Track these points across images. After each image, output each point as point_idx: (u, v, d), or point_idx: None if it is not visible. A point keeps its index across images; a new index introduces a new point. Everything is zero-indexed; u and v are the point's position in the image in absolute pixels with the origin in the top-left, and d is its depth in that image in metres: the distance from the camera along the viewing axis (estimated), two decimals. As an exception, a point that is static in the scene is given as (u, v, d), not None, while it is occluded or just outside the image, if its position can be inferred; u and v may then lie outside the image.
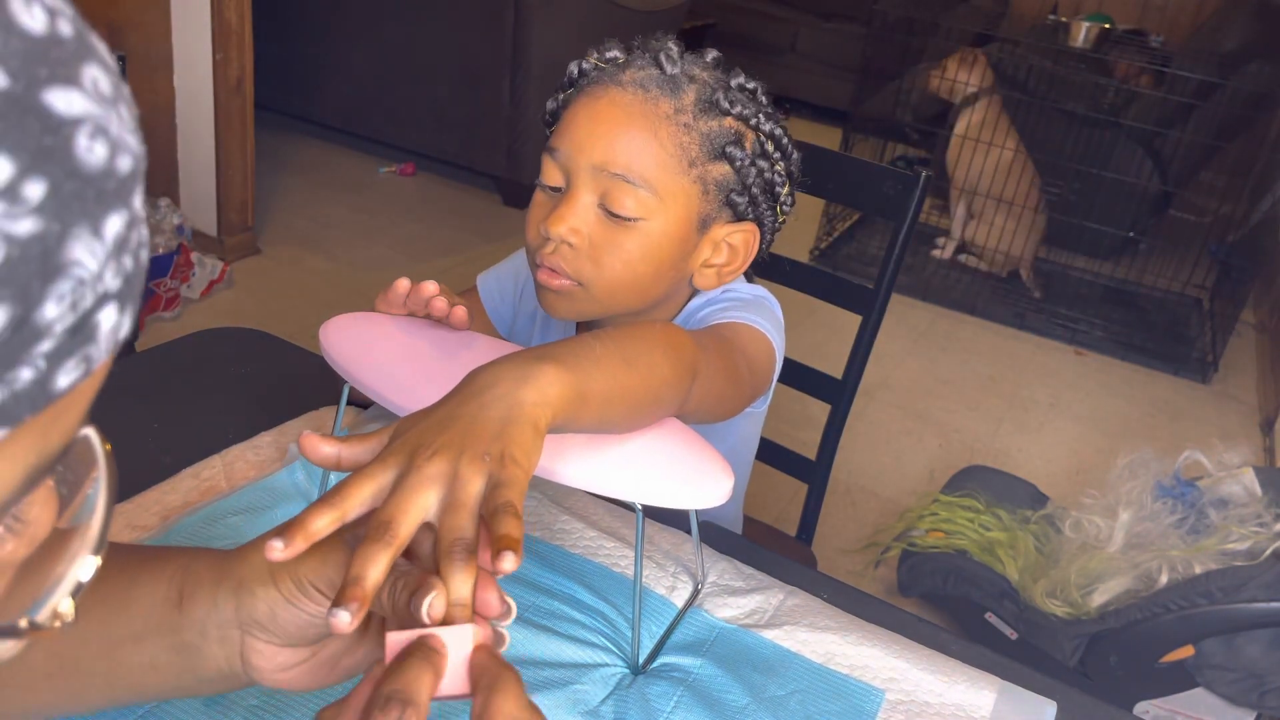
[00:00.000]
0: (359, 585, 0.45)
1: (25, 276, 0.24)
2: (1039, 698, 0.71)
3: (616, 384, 0.60)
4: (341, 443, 0.54)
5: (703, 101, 0.80)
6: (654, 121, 0.79)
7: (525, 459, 0.51)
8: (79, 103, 0.25)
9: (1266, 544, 1.59)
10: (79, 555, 0.32)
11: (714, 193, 0.82)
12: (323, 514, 0.48)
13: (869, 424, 2.48)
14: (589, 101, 0.80)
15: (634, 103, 0.79)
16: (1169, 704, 1.64)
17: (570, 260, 0.81)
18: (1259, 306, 3.49)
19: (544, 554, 0.78)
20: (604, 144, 0.79)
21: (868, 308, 1.17)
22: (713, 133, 0.80)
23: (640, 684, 0.67)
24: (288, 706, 0.62)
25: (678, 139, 0.79)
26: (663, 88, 0.79)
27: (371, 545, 0.46)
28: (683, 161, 0.79)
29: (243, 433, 0.87)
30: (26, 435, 0.26)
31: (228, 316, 2.52)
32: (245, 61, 2.60)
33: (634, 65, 0.80)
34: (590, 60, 0.82)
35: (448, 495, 0.48)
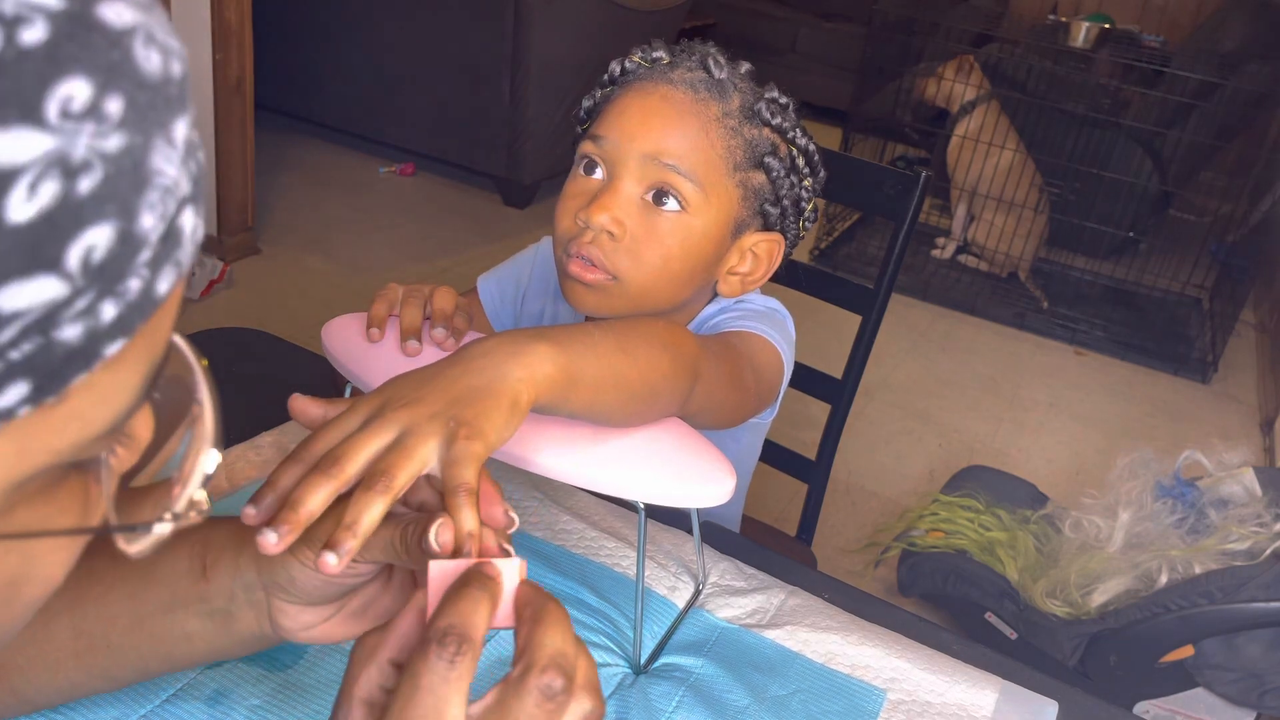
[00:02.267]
0: (294, 509, 0.45)
1: (124, 191, 0.25)
2: (1040, 697, 0.71)
3: (610, 371, 0.60)
4: (328, 404, 0.54)
5: (746, 109, 0.81)
6: (705, 120, 0.79)
7: (494, 432, 0.51)
8: (126, 12, 0.25)
9: (1266, 544, 1.59)
10: (201, 450, 0.34)
11: (751, 200, 0.83)
12: (290, 470, 0.49)
13: (869, 424, 2.48)
14: (640, 96, 0.80)
15: (686, 100, 0.79)
16: (1169, 704, 1.64)
17: (608, 252, 0.79)
18: (1259, 306, 3.49)
19: (545, 554, 0.78)
20: (659, 133, 0.79)
21: (868, 308, 1.17)
22: (754, 140, 0.81)
23: (642, 684, 0.67)
24: (289, 705, 0.62)
25: (726, 141, 0.80)
26: (711, 91, 0.80)
27: (317, 476, 0.47)
28: (729, 163, 0.80)
29: (243, 433, 0.87)
30: (140, 342, 0.28)
31: (228, 316, 2.52)
32: (245, 61, 2.60)
33: (682, 66, 0.81)
34: (635, 59, 0.83)
35: (397, 439, 0.49)
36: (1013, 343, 3.11)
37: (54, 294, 0.24)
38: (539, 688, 0.41)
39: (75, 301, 0.25)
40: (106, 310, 0.26)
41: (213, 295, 2.61)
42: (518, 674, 0.41)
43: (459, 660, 0.40)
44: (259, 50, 2.64)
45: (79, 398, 0.27)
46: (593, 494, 0.86)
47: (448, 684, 0.40)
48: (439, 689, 0.39)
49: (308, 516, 0.46)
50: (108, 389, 0.28)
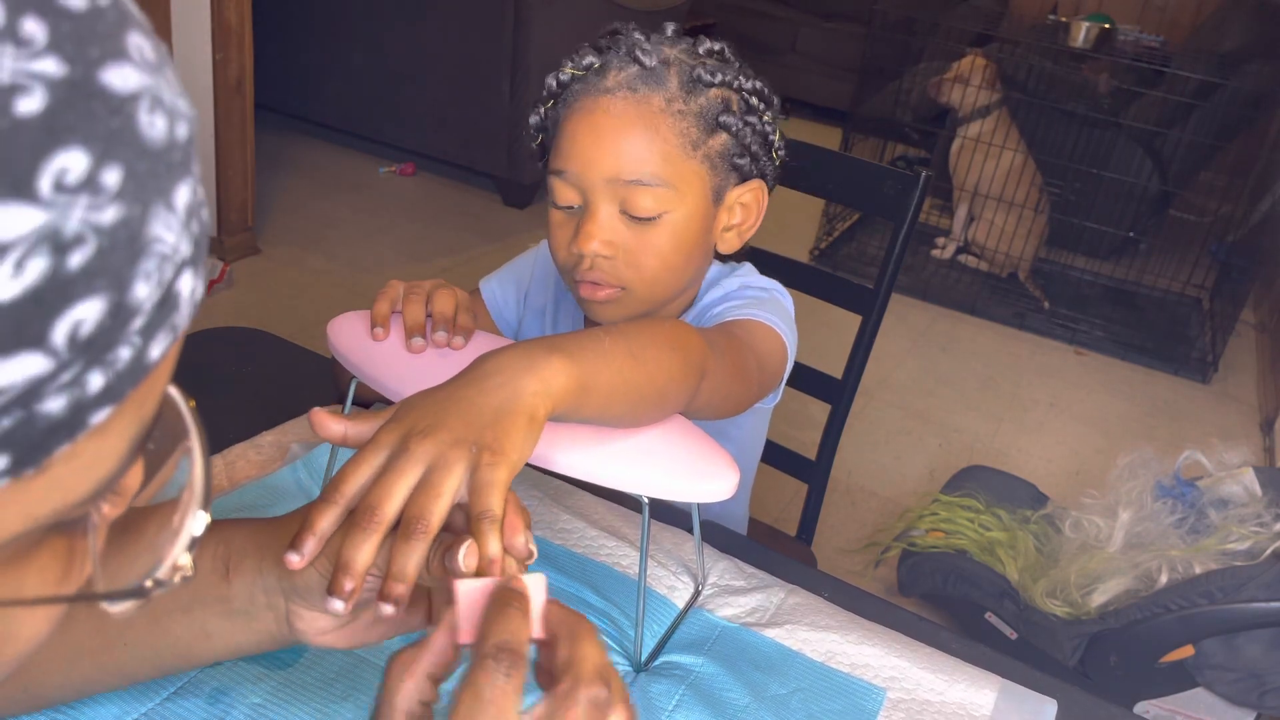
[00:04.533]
0: (348, 571, 0.48)
1: (117, 264, 0.24)
2: (1040, 696, 0.71)
3: (621, 378, 0.61)
4: (349, 421, 0.55)
5: (686, 82, 0.81)
6: (651, 119, 0.79)
7: (515, 451, 0.52)
8: (133, 77, 0.25)
9: (1266, 544, 1.59)
10: (189, 512, 0.33)
11: (720, 163, 0.83)
12: (326, 513, 0.50)
13: (869, 424, 2.48)
14: (584, 117, 0.80)
15: (627, 107, 0.79)
16: (1169, 704, 1.64)
17: (609, 271, 0.82)
18: (1259, 306, 3.49)
19: (546, 552, 0.78)
20: (613, 155, 0.79)
21: (868, 308, 1.17)
22: (703, 109, 0.81)
23: (642, 682, 0.67)
24: (289, 704, 0.62)
25: (676, 127, 0.80)
26: (648, 82, 0.79)
27: (358, 532, 0.48)
28: (687, 147, 0.80)
29: (243, 432, 0.87)
30: (128, 408, 0.27)
31: (228, 316, 2.52)
32: (245, 61, 2.60)
33: (613, 68, 0.80)
34: (568, 71, 0.82)
35: (425, 477, 0.50)
36: (1013, 343, 3.11)
37: (38, 370, 0.23)
38: (589, 699, 0.43)
39: (60, 375, 0.23)
40: (94, 380, 0.24)
41: (213, 295, 2.61)
42: (567, 687, 0.44)
43: (514, 673, 0.43)
44: (259, 50, 2.64)
45: (61, 466, 0.26)
46: (593, 493, 0.86)
47: (506, 696, 0.42)
48: (500, 701, 0.42)
49: (362, 571, 0.48)
50: (93, 456, 0.27)
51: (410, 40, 3.30)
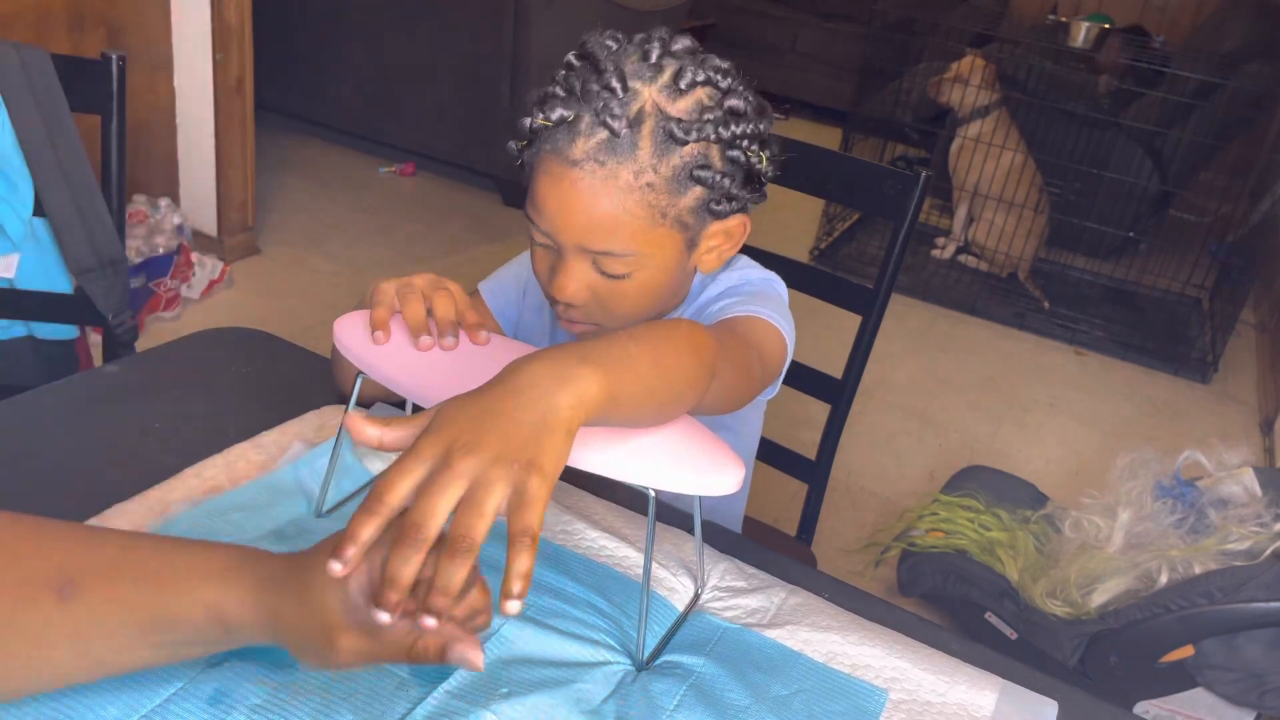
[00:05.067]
0: (395, 586, 0.50)
1: None
2: (1041, 697, 0.71)
3: (646, 386, 0.62)
4: (385, 425, 0.56)
5: (659, 144, 0.78)
6: (618, 196, 0.78)
7: (553, 466, 0.53)
8: None
9: (1266, 544, 1.59)
10: None
11: (693, 218, 0.82)
12: (368, 523, 0.51)
13: (869, 424, 2.48)
14: (553, 183, 0.79)
15: (593, 184, 0.77)
16: (1169, 704, 1.64)
17: (583, 314, 0.85)
18: (1259, 306, 3.49)
19: (548, 553, 0.78)
20: (579, 226, 0.79)
21: (868, 308, 1.17)
22: (676, 169, 0.79)
23: (643, 682, 0.67)
24: (289, 705, 0.62)
25: (645, 201, 0.78)
26: (617, 153, 0.77)
27: (404, 548, 0.50)
28: (655, 217, 0.79)
29: (244, 432, 0.87)
30: None
31: (228, 316, 2.52)
32: (245, 62, 2.60)
33: (583, 133, 0.77)
34: (539, 120, 0.79)
35: (468, 495, 0.51)
36: (1013, 343, 3.11)
37: None
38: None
39: None
40: None
41: (213, 295, 2.61)
42: None
43: None
44: (259, 50, 2.64)
45: None
46: (595, 494, 0.86)
47: None
48: None
49: (408, 588, 0.51)
50: None
51: (410, 40, 3.29)
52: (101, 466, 0.82)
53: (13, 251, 1.35)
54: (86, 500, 0.77)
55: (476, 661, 0.53)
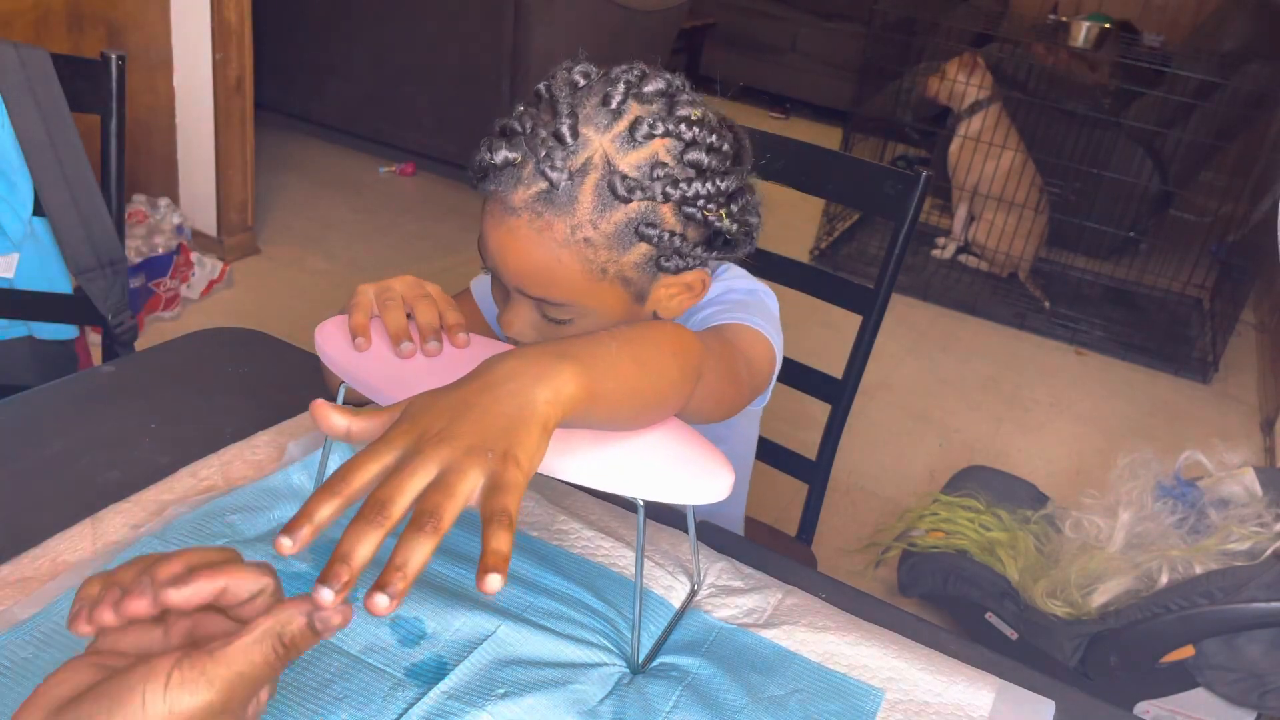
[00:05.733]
0: (346, 563, 0.45)
1: None
2: (1038, 697, 0.71)
3: (627, 385, 0.60)
4: (353, 415, 0.54)
5: (601, 199, 0.75)
6: (553, 248, 0.76)
7: (528, 460, 0.51)
8: None
9: (1267, 544, 1.59)
10: None
11: (637, 274, 0.79)
12: (328, 503, 0.48)
13: (869, 424, 2.48)
14: (493, 227, 0.78)
15: (529, 234, 0.76)
16: (1169, 704, 1.64)
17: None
18: (1259, 306, 3.48)
19: (543, 553, 0.77)
20: (515, 271, 0.78)
21: (868, 308, 1.17)
22: (619, 226, 0.76)
23: (639, 683, 0.67)
24: (286, 707, 0.62)
25: (581, 255, 0.76)
26: (554, 205, 0.75)
27: (364, 524, 0.46)
28: (594, 272, 0.77)
29: (241, 433, 0.87)
30: None
31: (227, 316, 2.52)
32: (245, 61, 2.60)
33: (524, 181, 0.75)
34: (485, 158, 0.76)
35: (439, 477, 0.49)
36: (1013, 343, 3.11)
37: None
38: None
39: None
40: None
41: (212, 295, 2.61)
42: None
43: None
44: (259, 50, 2.64)
45: None
46: (590, 493, 0.85)
47: None
48: None
49: (360, 566, 0.45)
50: None
51: (410, 40, 3.29)
52: (99, 466, 0.82)
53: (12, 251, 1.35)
54: (84, 500, 0.77)
55: (345, 613, 0.47)
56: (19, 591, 0.67)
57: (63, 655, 0.62)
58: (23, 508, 0.77)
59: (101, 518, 0.75)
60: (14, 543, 0.71)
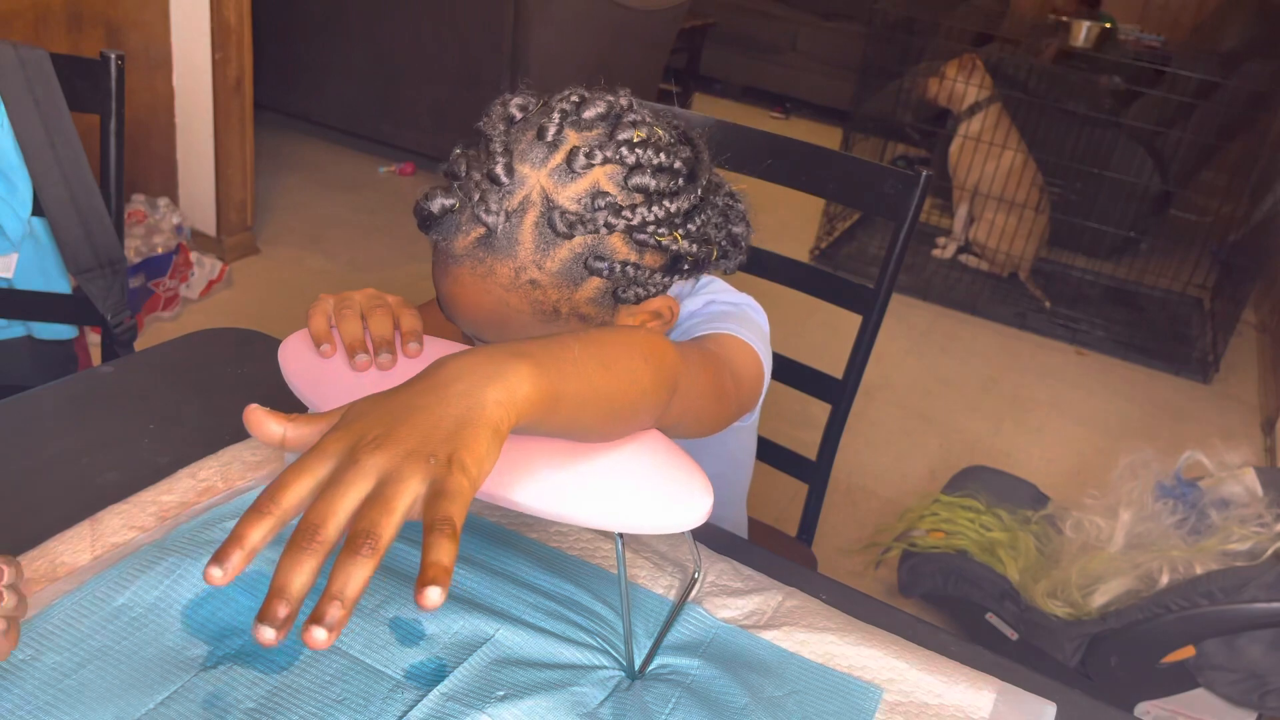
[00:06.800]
0: (283, 597, 0.42)
1: None
2: (1038, 699, 0.71)
3: (591, 388, 0.56)
4: (289, 421, 0.51)
5: (542, 238, 0.72)
6: (499, 294, 0.73)
7: (476, 465, 0.48)
8: None
9: (1267, 544, 1.59)
10: None
11: (595, 309, 0.75)
12: (257, 524, 0.45)
13: (869, 424, 2.48)
14: (441, 273, 0.76)
15: (472, 281, 0.73)
16: (1170, 704, 1.64)
17: None
18: (1260, 306, 3.48)
19: (540, 555, 0.77)
20: (468, 322, 0.76)
21: (868, 308, 1.17)
22: (565, 263, 0.72)
23: (639, 685, 0.67)
24: (284, 708, 0.61)
25: (529, 297, 0.73)
26: (494, 250, 0.72)
27: (297, 553, 0.43)
28: (545, 313, 0.74)
29: (240, 433, 0.87)
30: None
31: (226, 316, 2.52)
32: (244, 61, 2.60)
33: (462, 228, 0.73)
34: (424, 206, 0.74)
35: (375, 490, 0.45)
36: (1013, 343, 3.11)
37: None
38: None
39: None
40: None
41: (212, 295, 2.60)
42: None
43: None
44: (259, 50, 2.64)
45: None
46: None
47: None
48: None
49: (299, 599, 0.43)
50: None
51: (410, 40, 3.29)
52: (98, 467, 0.82)
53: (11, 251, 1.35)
54: (83, 501, 0.76)
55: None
56: (17, 593, 0.67)
57: (61, 657, 0.62)
58: (21, 509, 0.77)
59: (100, 519, 0.75)
60: (13, 544, 0.71)
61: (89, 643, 0.64)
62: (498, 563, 0.76)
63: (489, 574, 0.74)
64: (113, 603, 0.67)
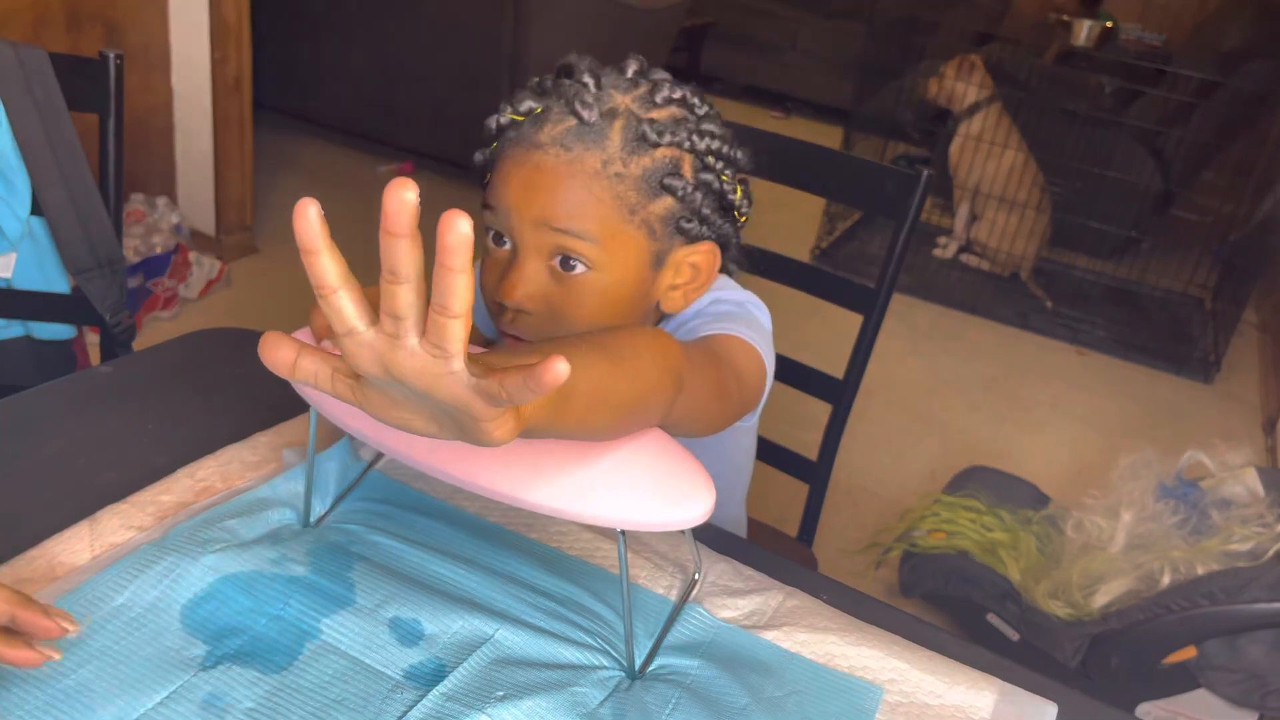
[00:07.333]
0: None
1: None
2: (1040, 699, 0.70)
3: (600, 389, 0.57)
4: (306, 352, 0.53)
5: (630, 141, 0.76)
6: (584, 179, 0.75)
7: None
8: None
9: (1269, 544, 1.59)
10: None
11: (661, 229, 0.79)
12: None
13: (870, 424, 2.47)
14: (514, 166, 0.77)
15: (558, 165, 0.75)
16: (1171, 705, 1.64)
17: (530, 328, 0.79)
18: (1261, 306, 3.48)
19: (541, 555, 0.77)
20: (543, 202, 0.76)
21: (869, 307, 1.17)
22: (647, 171, 0.77)
23: (639, 685, 0.67)
24: (283, 708, 0.61)
25: (612, 190, 0.76)
26: (585, 140, 0.75)
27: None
28: (623, 210, 0.76)
29: (239, 433, 0.87)
30: None
31: (226, 316, 2.52)
32: (244, 61, 2.60)
33: (551, 120, 0.76)
34: (506, 115, 0.78)
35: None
36: (1014, 342, 3.11)
37: None
38: None
39: None
40: None
41: (211, 295, 2.60)
42: None
43: None
44: (258, 50, 2.64)
45: None
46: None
47: None
48: None
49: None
50: None
51: (410, 40, 3.29)
52: (97, 467, 0.82)
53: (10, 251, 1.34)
54: (81, 501, 0.76)
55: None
56: (15, 593, 0.67)
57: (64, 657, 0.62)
58: (19, 509, 0.77)
59: (99, 519, 0.74)
60: (11, 544, 0.71)
61: (88, 643, 0.63)
62: (497, 563, 0.75)
63: (489, 574, 0.74)
64: (111, 602, 0.66)
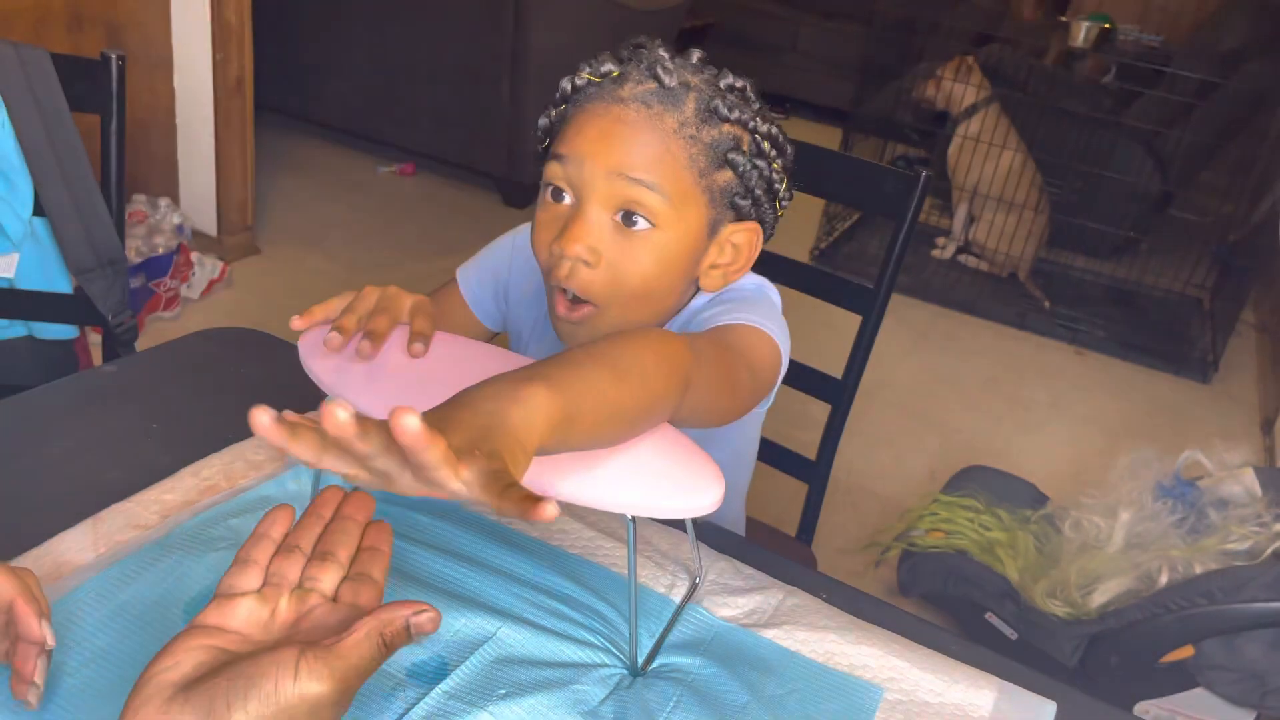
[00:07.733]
0: None
1: None
2: (1038, 698, 0.71)
3: (607, 402, 0.58)
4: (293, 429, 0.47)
5: (702, 111, 0.80)
6: (663, 134, 0.78)
7: (510, 458, 0.48)
8: None
9: (1267, 544, 1.59)
10: None
11: (719, 199, 0.82)
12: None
13: (869, 424, 2.48)
14: (594, 118, 0.79)
15: (640, 119, 0.78)
16: (1169, 704, 1.64)
17: (587, 281, 0.80)
18: (1259, 306, 3.48)
19: (542, 554, 0.77)
20: (620, 150, 0.78)
21: (868, 308, 1.17)
22: (715, 141, 0.80)
23: (640, 684, 0.67)
24: (286, 707, 0.62)
25: (687, 150, 0.79)
26: (664, 102, 0.78)
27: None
28: (693, 171, 0.79)
29: (242, 433, 0.87)
30: None
31: (227, 316, 2.52)
32: (245, 61, 2.60)
33: (631, 80, 0.79)
34: (584, 75, 0.81)
35: None
36: (1013, 342, 3.11)
37: None
38: None
39: None
40: None
41: (212, 295, 2.60)
42: None
43: None
44: (259, 50, 2.64)
45: None
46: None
47: None
48: None
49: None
50: None
51: (410, 40, 3.29)
52: (100, 466, 0.82)
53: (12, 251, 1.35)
54: (85, 500, 0.76)
55: (435, 618, 0.50)
56: (20, 592, 0.67)
57: (66, 657, 0.62)
58: (24, 508, 0.77)
59: (103, 518, 0.75)
60: (15, 543, 0.71)
61: (91, 642, 0.64)
62: (499, 561, 0.76)
63: (491, 572, 0.74)
64: (115, 601, 0.67)
